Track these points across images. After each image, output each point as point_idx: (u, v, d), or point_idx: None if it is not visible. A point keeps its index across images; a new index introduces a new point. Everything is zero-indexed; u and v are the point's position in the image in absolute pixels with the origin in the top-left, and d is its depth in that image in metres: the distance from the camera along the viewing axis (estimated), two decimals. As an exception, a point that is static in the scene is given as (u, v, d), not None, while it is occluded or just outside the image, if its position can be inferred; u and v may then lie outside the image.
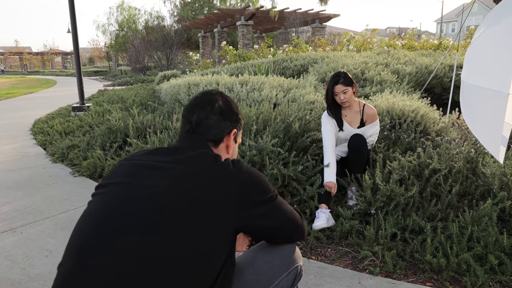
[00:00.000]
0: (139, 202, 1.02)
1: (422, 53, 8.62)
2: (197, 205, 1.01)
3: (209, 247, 1.00)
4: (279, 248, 1.28)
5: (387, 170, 2.95)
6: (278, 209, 1.16)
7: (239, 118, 1.34)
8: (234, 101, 1.35)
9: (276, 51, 11.89)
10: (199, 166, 1.09)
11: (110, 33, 35.66)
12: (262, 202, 1.11)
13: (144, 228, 0.97)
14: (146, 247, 0.95)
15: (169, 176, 1.06)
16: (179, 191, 1.02)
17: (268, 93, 5.22)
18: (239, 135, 1.37)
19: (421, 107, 4.14)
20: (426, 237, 2.32)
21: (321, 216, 2.69)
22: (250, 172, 1.13)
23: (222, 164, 1.11)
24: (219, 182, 1.06)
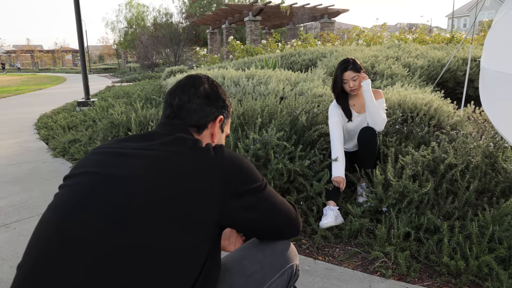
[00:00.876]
0: (105, 194, 0.88)
1: (434, 46, 8.37)
2: (170, 196, 0.87)
3: (184, 245, 0.85)
4: (271, 246, 1.12)
5: (399, 165, 2.77)
6: (267, 200, 1.01)
7: (227, 105, 1.19)
8: (222, 87, 1.21)
9: (284, 46, 11.70)
10: (175, 151, 0.94)
11: (119, 30, 35.77)
12: (248, 192, 0.96)
13: (110, 223, 0.83)
14: (111, 245, 0.81)
15: (141, 164, 0.91)
16: (150, 181, 0.88)
17: (275, 87, 5.06)
18: (227, 124, 1.23)
19: (434, 100, 3.94)
20: (442, 237, 2.15)
21: (329, 214, 2.52)
22: (234, 158, 0.98)
23: (202, 149, 0.96)
24: (198, 170, 0.91)
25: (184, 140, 0.98)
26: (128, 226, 0.83)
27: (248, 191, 0.96)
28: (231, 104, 1.24)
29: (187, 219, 0.86)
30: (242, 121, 3.49)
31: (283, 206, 1.06)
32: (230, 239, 1.35)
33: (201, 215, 0.88)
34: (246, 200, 0.95)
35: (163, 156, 0.93)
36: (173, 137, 0.99)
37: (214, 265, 0.93)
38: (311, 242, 2.38)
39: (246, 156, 2.86)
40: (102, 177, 0.91)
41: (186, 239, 0.85)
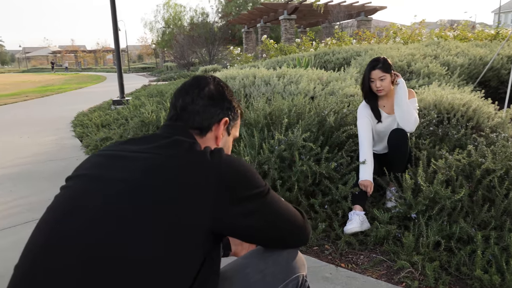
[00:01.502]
0: (95, 197, 0.86)
1: (477, 43, 7.96)
2: (161, 201, 0.83)
3: (171, 253, 0.81)
4: (276, 255, 1.06)
5: (431, 169, 2.62)
6: (269, 207, 0.94)
7: (233, 106, 1.13)
8: (230, 88, 1.15)
9: (318, 45, 11.52)
10: (170, 155, 0.90)
11: (157, 30, 36.58)
12: (247, 198, 0.90)
13: (99, 227, 0.81)
14: (99, 249, 0.79)
15: (137, 168, 0.88)
16: (143, 185, 0.85)
17: (306, 86, 4.97)
18: (235, 127, 1.17)
19: (473, 100, 3.72)
20: (476, 248, 2.00)
21: (354, 219, 2.43)
22: (232, 162, 0.92)
23: (198, 153, 0.92)
24: (191, 174, 0.87)
25: (180, 143, 0.94)
26: (116, 234, 0.80)
27: (248, 197, 0.90)
28: (240, 105, 1.19)
29: (175, 226, 0.82)
30: (269, 121, 3.43)
31: (287, 213, 0.99)
32: (243, 244, 1.30)
33: (192, 221, 0.83)
34: (246, 206, 0.90)
35: (157, 159, 0.89)
36: (170, 140, 0.95)
37: (211, 274, 0.88)
38: (334, 248, 2.29)
39: (271, 157, 2.81)
40: (97, 179, 0.90)
41: (173, 248, 0.81)
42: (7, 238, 2.52)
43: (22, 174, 3.90)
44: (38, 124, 7.05)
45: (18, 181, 3.69)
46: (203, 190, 0.85)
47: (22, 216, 2.85)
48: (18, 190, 3.41)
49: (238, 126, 1.19)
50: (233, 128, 1.16)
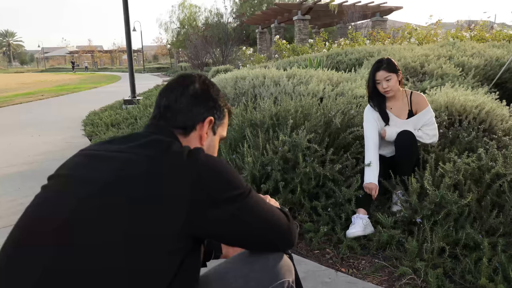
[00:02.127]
0: (65, 198, 0.84)
1: (494, 44, 7.76)
2: (132, 204, 0.80)
3: (146, 259, 0.78)
4: (261, 258, 1.02)
5: (439, 173, 2.55)
6: (250, 210, 0.91)
7: (219, 105, 1.10)
8: (216, 86, 1.11)
9: (331, 45, 11.42)
10: (145, 154, 0.87)
11: (172, 30, 36.85)
12: (226, 201, 0.86)
13: (62, 231, 0.79)
14: (62, 259, 0.77)
15: (111, 168, 0.86)
16: (114, 187, 0.82)
17: (315, 87, 4.91)
18: (221, 126, 1.13)
19: (486, 102, 3.62)
20: (482, 256, 1.93)
21: (357, 223, 2.37)
22: (210, 163, 0.89)
23: (174, 153, 0.88)
24: (166, 175, 0.83)
25: (158, 142, 0.91)
26: (82, 242, 0.78)
27: (226, 199, 0.86)
28: (227, 104, 1.15)
29: (147, 230, 0.79)
30: (275, 122, 3.39)
31: (270, 215, 0.95)
32: (234, 247, 1.27)
33: (165, 225, 0.80)
34: (224, 209, 0.86)
35: (132, 160, 0.86)
36: (148, 139, 0.92)
37: (188, 280, 0.85)
38: (336, 252, 2.24)
39: (274, 158, 2.77)
40: (73, 180, 0.88)
41: (144, 254, 0.78)
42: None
43: (30, 172, 3.94)
44: (49, 123, 7.16)
45: (27, 179, 3.73)
46: (177, 192, 0.82)
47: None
48: (25, 188, 3.45)
49: (225, 126, 1.15)
50: (219, 128, 1.12)
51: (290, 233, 1.00)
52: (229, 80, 6.58)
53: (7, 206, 3.04)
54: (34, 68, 62.30)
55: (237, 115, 3.62)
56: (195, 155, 0.88)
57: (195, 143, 1.03)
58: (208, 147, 1.08)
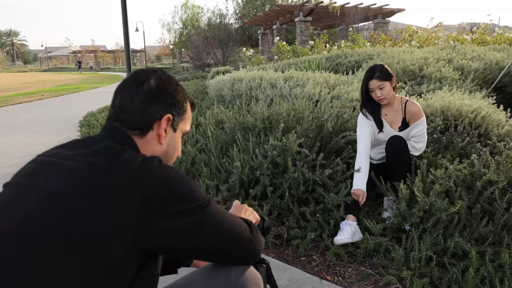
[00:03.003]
0: (16, 213, 0.81)
1: (495, 47, 7.71)
2: (76, 218, 0.76)
3: (93, 275, 0.75)
4: (225, 271, 0.98)
5: (430, 179, 2.50)
6: (208, 222, 0.87)
7: (178, 100, 1.03)
8: (175, 80, 1.05)
9: (331, 47, 11.38)
10: (93, 163, 0.83)
11: (175, 31, 36.88)
12: (181, 214, 0.82)
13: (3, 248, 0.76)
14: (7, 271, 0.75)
15: (58, 178, 0.83)
16: (58, 199, 0.79)
17: (311, 89, 4.87)
18: (182, 122, 1.06)
19: (482, 107, 3.57)
20: (469, 265, 1.89)
21: (345, 229, 2.33)
22: (164, 173, 0.84)
23: (124, 163, 0.84)
24: (114, 186, 0.79)
25: (108, 150, 0.87)
26: (16, 247, 0.76)
27: (182, 212, 0.83)
28: (188, 97, 1.08)
29: (92, 244, 0.75)
30: (266, 125, 3.36)
31: (228, 228, 0.91)
32: None
33: (112, 238, 0.77)
34: (176, 222, 0.82)
35: (81, 169, 0.83)
36: (100, 146, 0.89)
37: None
38: (322, 259, 2.20)
39: (264, 163, 2.73)
40: (23, 190, 0.85)
41: (90, 270, 0.75)
42: None
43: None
44: (46, 123, 7.14)
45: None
46: (125, 205, 0.78)
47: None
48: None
49: (187, 120, 1.08)
50: (181, 123, 1.06)
51: (252, 245, 0.96)
52: (227, 82, 6.56)
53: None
54: (37, 68, 62.48)
55: (229, 118, 3.58)
56: (147, 165, 0.84)
57: (153, 143, 0.99)
58: (168, 145, 1.02)
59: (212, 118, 4.05)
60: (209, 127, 3.50)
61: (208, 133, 3.36)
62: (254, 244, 0.97)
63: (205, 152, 3.30)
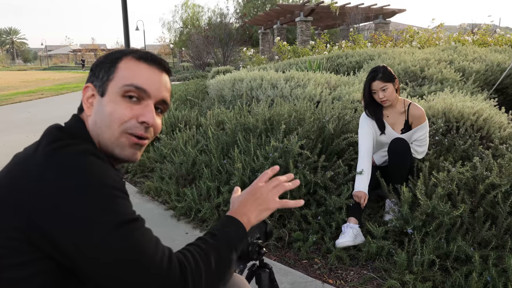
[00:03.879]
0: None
1: (496, 49, 7.70)
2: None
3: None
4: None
5: (432, 182, 2.49)
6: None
7: (100, 64, 0.90)
8: (111, 52, 0.93)
9: (332, 48, 11.36)
10: (21, 154, 0.82)
11: (175, 30, 36.85)
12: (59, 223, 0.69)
13: None
14: None
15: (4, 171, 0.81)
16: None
17: (312, 90, 4.85)
18: (114, 81, 0.86)
19: (484, 109, 3.56)
20: (473, 269, 1.87)
21: (347, 232, 2.32)
22: (63, 163, 0.73)
23: (32, 146, 0.81)
24: (14, 178, 0.75)
25: (46, 133, 0.84)
26: None
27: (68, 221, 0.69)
28: (115, 55, 0.91)
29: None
30: (268, 127, 3.34)
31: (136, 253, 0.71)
32: None
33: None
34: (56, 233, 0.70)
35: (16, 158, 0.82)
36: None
37: None
38: (324, 262, 2.19)
39: (265, 164, 2.72)
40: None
41: None
42: None
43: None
44: (46, 123, 6.95)
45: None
46: (14, 204, 0.72)
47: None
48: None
49: (123, 76, 0.87)
50: (111, 83, 0.86)
51: (156, 274, 0.72)
52: (227, 82, 6.53)
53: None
54: (37, 66, 62.41)
55: (230, 118, 3.57)
56: (41, 150, 0.77)
57: (86, 118, 0.89)
58: (97, 113, 0.87)
59: (213, 118, 4.04)
60: (210, 127, 3.48)
61: (209, 134, 3.35)
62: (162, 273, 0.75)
63: (206, 153, 3.28)
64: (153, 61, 0.90)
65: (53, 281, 0.72)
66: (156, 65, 0.90)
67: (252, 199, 0.96)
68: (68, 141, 0.79)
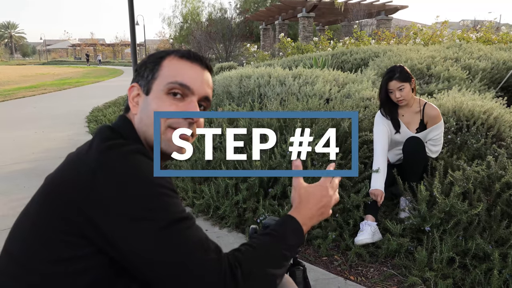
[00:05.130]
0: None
1: (501, 47, 7.73)
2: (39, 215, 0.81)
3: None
4: None
5: (447, 180, 2.53)
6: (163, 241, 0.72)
7: (144, 64, 0.94)
8: (156, 52, 0.96)
9: (336, 44, 11.37)
10: (75, 154, 0.85)
11: (175, 25, 36.73)
12: (126, 222, 0.72)
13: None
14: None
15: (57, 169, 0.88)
16: (37, 199, 0.87)
17: (321, 88, 4.88)
18: (158, 79, 0.89)
19: (494, 108, 3.60)
20: (492, 267, 1.92)
21: (365, 229, 2.36)
22: (116, 163, 0.76)
23: (85, 146, 0.83)
24: (67, 174, 0.80)
25: (97, 133, 0.87)
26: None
27: (129, 219, 0.72)
28: (160, 54, 0.94)
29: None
30: (282, 124, 3.38)
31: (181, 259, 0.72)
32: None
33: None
34: (119, 231, 0.73)
35: (70, 159, 0.86)
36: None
37: None
38: (344, 259, 2.23)
39: (282, 162, 2.76)
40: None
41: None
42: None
43: (35, 170, 3.94)
44: (53, 119, 7.15)
45: (32, 177, 3.73)
46: (68, 196, 0.76)
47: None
48: (31, 187, 3.44)
49: (164, 76, 0.90)
50: (156, 81, 0.89)
51: (204, 275, 0.72)
52: (234, 79, 6.55)
53: (12, 205, 3.04)
54: (36, 61, 62.17)
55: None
56: (101, 148, 0.79)
57: (132, 117, 0.92)
58: (143, 110, 0.90)
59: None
60: (223, 124, 3.52)
61: (223, 131, 3.38)
62: (209, 273, 0.76)
63: (221, 150, 3.32)
64: (195, 59, 0.93)
65: (105, 277, 0.75)
66: (198, 63, 0.93)
67: (318, 206, 0.96)
68: (120, 140, 0.82)
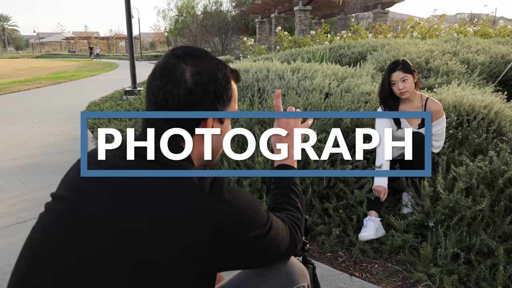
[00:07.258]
0: (64, 240, 0.78)
1: (498, 40, 7.74)
2: (147, 249, 0.74)
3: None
4: (274, 266, 0.99)
5: (450, 175, 2.53)
6: (272, 241, 0.87)
7: (224, 89, 0.88)
8: (217, 62, 0.89)
9: (333, 38, 11.33)
10: (158, 188, 0.78)
11: (170, 18, 36.54)
12: (250, 240, 0.82)
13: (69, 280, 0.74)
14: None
15: (123, 200, 0.78)
16: (128, 226, 0.75)
17: (320, 82, 4.86)
18: (229, 107, 0.91)
19: (495, 102, 3.60)
20: (497, 262, 1.92)
21: (369, 225, 2.36)
22: (234, 199, 0.81)
23: (196, 188, 0.77)
24: (186, 216, 0.76)
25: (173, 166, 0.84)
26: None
27: (253, 238, 0.83)
28: (232, 74, 0.92)
29: (161, 276, 0.74)
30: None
31: (283, 244, 0.91)
32: None
33: (182, 270, 0.76)
34: (250, 247, 0.83)
35: (140, 193, 0.78)
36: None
37: None
38: (348, 255, 2.23)
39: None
40: (76, 210, 0.81)
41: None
42: (22, 232, 2.51)
43: (33, 166, 3.89)
44: (49, 113, 7.08)
45: (30, 173, 3.69)
46: (197, 239, 0.75)
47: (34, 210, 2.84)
48: (30, 183, 3.41)
49: (234, 102, 0.93)
50: (229, 108, 0.92)
51: (297, 247, 0.97)
52: (232, 73, 6.51)
53: (12, 203, 3.00)
54: (29, 54, 61.56)
55: (243, 110, 3.57)
56: (218, 191, 0.79)
57: (197, 146, 0.88)
58: (216, 141, 0.92)
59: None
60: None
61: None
62: (297, 243, 0.96)
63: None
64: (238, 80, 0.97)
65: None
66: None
67: (292, 141, 1.09)
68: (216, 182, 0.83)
